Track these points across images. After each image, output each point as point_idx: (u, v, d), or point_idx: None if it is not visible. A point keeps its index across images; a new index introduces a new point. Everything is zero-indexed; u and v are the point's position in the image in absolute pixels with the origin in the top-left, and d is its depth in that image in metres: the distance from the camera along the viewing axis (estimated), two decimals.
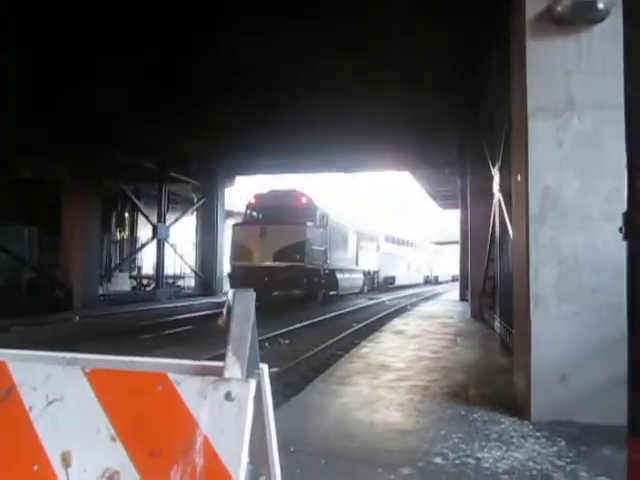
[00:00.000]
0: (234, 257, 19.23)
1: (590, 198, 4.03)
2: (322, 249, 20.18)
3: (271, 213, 19.58)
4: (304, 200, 20.24)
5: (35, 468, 1.14)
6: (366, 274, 27.45)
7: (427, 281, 43.93)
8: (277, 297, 18.88)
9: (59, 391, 1.18)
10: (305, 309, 17.46)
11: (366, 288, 27.30)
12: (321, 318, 14.28)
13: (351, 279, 24.42)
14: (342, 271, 22.75)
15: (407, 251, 37.48)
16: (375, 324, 12.87)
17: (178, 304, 18.59)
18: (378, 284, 29.99)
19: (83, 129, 14.52)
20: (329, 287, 21.34)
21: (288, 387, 6.25)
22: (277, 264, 18.18)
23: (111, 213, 23.65)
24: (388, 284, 31.96)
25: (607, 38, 4.00)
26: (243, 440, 1.03)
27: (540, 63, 4.20)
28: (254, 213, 20.71)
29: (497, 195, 9.21)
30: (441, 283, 46.51)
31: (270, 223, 18.89)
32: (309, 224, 19.23)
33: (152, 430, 1.10)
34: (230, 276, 19.50)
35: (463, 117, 13.24)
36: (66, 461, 1.13)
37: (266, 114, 13.66)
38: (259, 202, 20.63)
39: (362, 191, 78.13)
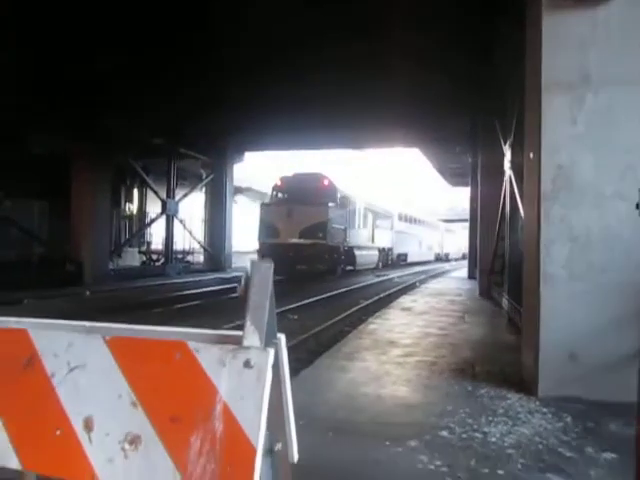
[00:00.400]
0: (263, 235, 21.27)
1: (604, 176, 3.99)
2: (342, 228, 22.07)
3: (296, 194, 21.34)
4: (326, 182, 22.01)
5: (58, 432, 1.18)
6: (381, 251, 29.03)
7: (438, 258, 44.97)
8: (299, 270, 20.44)
9: (80, 358, 1.21)
10: (320, 283, 18.01)
11: (380, 264, 28.64)
12: (330, 294, 14.38)
13: (367, 256, 26.11)
14: (360, 248, 24.60)
15: (419, 229, 38.74)
16: (383, 301, 12.93)
17: (187, 279, 18.73)
18: (392, 261, 31.46)
19: (92, 105, 14.49)
20: (348, 262, 23.24)
21: (297, 362, 6.31)
22: (302, 241, 20.17)
23: (120, 188, 23.68)
24: (401, 261, 33.47)
25: (626, 12, 3.91)
26: (262, 407, 1.05)
27: (555, 37, 4.12)
28: (280, 194, 22.61)
29: (508, 172, 9.13)
30: (451, 260, 46.97)
31: (296, 204, 20.80)
32: (331, 205, 21.11)
33: (172, 397, 1.13)
34: (259, 252, 21.24)
35: (475, 93, 13.07)
36: (88, 426, 1.16)
37: (275, 90, 13.56)
38: (285, 184, 22.47)
39: (372, 167, 77.61)
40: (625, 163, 3.84)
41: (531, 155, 4.57)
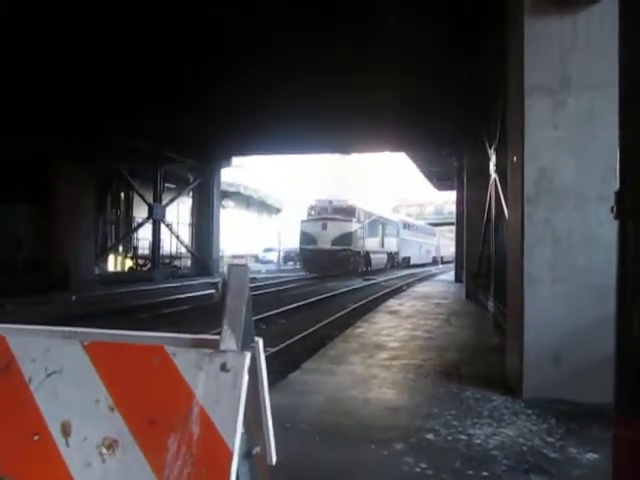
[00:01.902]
0: (303, 242, 28.37)
1: (585, 179, 4.04)
2: (361, 237, 28.89)
3: (327, 212, 28.48)
4: (350, 203, 29.34)
5: (35, 438, 1.17)
6: (389, 254, 35.14)
7: (435, 261, 49.77)
8: (329, 270, 26.20)
9: (58, 363, 1.20)
10: (314, 285, 18.32)
11: (389, 265, 34.63)
12: (321, 297, 14.40)
13: (379, 258, 32.69)
14: (374, 252, 31.23)
15: (419, 236, 44.78)
16: (370, 304, 12.96)
17: (174, 284, 18.63)
18: (398, 263, 37.26)
19: (77, 108, 14.38)
20: (365, 264, 29.64)
21: (284, 365, 6.30)
22: (334, 248, 26.95)
23: (106, 193, 23.44)
24: (405, 263, 39.10)
25: (605, 18, 3.97)
26: (238, 410, 1.06)
27: (537, 42, 4.17)
28: (313, 212, 29.55)
29: (493, 176, 9.21)
30: (438, 264, 48.78)
31: (328, 219, 27.90)
32: (354, 219, 28.26)
33: (150, 400, 1.13)
34: (300, 256, 29.79)
35: (460, 98, 13.16)
36: (66, 431, 1.15)
37: (263, 95, 13.54)
38: (318, 205, 29.55)
39: (359, 170, 77.89)
40: (606, 165, 3.88)
41: (514, 159, 4.61)
